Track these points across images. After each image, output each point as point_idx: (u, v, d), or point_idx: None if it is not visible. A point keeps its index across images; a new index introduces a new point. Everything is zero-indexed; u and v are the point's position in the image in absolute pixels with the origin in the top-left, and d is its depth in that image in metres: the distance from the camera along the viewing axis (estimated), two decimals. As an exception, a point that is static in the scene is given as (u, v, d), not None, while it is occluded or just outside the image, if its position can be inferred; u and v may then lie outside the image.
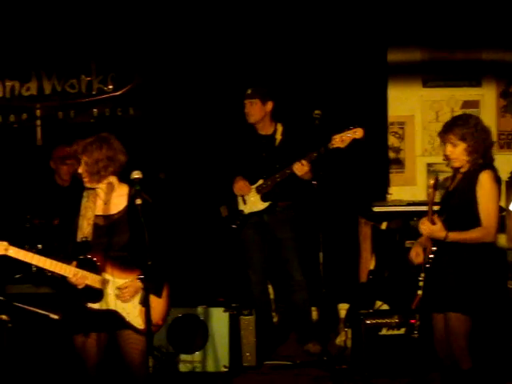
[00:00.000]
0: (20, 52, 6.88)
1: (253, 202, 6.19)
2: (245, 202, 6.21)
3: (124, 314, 4.49)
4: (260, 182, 6.15)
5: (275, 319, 6.62)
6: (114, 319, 4.46)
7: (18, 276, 5.96)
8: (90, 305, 4.43)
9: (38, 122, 6.85)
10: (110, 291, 4.44)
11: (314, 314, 6.54)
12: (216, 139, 6.63)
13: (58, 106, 6.99)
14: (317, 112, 5.81)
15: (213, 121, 6.87)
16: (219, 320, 5.83)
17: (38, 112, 6.85)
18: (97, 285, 4.42)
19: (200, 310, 5.84)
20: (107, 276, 4.46)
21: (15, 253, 4.36)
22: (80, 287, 4.39)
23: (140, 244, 4.41)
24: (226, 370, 5.75)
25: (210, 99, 6.94)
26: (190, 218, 6.78)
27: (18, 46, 6.84)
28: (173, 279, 4.75)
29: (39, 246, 5.83)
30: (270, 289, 6.58)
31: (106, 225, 4.56)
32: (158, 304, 4.55)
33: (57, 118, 6.98)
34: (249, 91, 6.14)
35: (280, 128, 6.24)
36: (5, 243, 4.35)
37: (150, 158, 6.58)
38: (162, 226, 4.63)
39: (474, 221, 4.68)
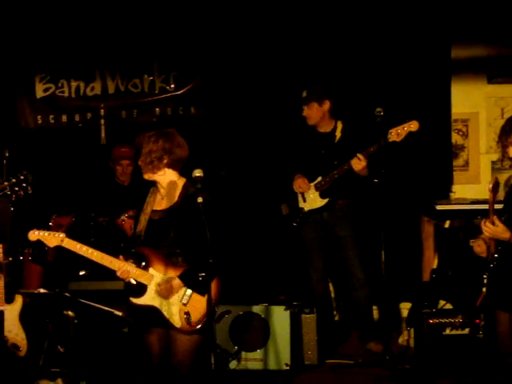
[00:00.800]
0: (85, 52, 6.98)
1: (312, 200, 6.18)
2: (304, 200, 6.20)
3: (163, 311, 4.50)
4: (319, 179, 6.13)
5: (336, 318, 6.59)
6: (155, 316, 4.48)
7: (82, 273, 6.09)
8: (133, 299, 4.51)
9: (102, 122, 6.94)
10: (153, 287, 4.48)
11: (376, 313, 6.49)
12: (276, 137, 6.65)
13: (121, 106, 7.09)
14: (378, 109, 5.76)
15: (273, 119, 6.87)
16: (280, 318, 5.82)
17: (102, 111, 6.94)
18: (142, 280, 4.46)
19: (261, 308, 5.85)
20: (153, 271, 4.48)
21: (68, 244, 4.47)
22: (126, 281, 4.48)
23: (191, 240, 4.46)
24: (287, 368, 5.74)
25: (270, 97, 6.94)
26: (250, 216, 6.80)
27: (82, 46, 6.95)
28: (233, 277, 4.77)
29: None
30: (331, 287, 6.55)
31: (159, 219, 4.59)
32: (200, 303, 4.52)
33: (120, 117, 7.08)
34: (304, 94, 6.14)
35: (340, 125, 6.22)
36: (62, 235, 4.48)
37: (212, 157, 6.63)
38: (222, 224, 4.61)
39: None
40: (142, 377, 5.40)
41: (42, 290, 5.78)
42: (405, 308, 6.53)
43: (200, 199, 4.40)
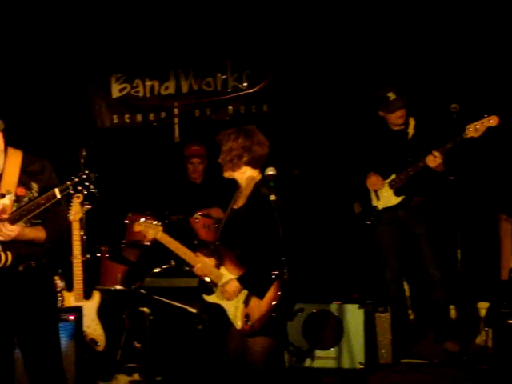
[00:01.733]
0: (159, 52, 7.10)
1: (386, 197, 6.15)
2: (378, 198, 6.16)
3: (228, 311, 4.54)
4: (393, 176, 6.08)
5: (411, 317, 6.53)
6: (223, 314, 4.52)
7: (157, 270, 6.15)
8: (205, 296, 4.58)
9: (176, 120, 7.06)
10: (219, 287, 4.54)
11: (453, 313, 6.38)
12: (348, 135, 6.60)
13: (194, 104, 7.18)
14: (454, 106, 5.69)
15: (345, 117, 6.85)
16: (354, 316, 5.80)
17: (176, 110, 7.05)
18: (212, 277, 4.55)
19: (334, 306, 5.82)
20: (224, 270, 4.54)
21: (161, 237, 4.62)
22: (201, 278, 4.60)
23: (255, 241, 4.46)
24: (361, 366, 5.71)
25: (342, 95, 6.95)
26: (323, 214, 6.80)
27: (157, 46, 7.06)
28: (307, 275, 4.77)
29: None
30: (406, 286, 6.49)
31: (231, 218, 4.64)
32: (257, 305, 4.52)
33: (193, 115, 7.18)
34: (392, 95, 6.01)
35: (412, 122, 6.16)
36: (160, 227, 4.65)
37: (284, 155, 6.63)
38: (292, 222, 4.58)
39: None
40: (216, 373, 5.45)
41: (118, 287, 5.87)
42: (483, 308, 6.35)
43: (273, 197, 4.37)
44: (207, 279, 4.58)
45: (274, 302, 4.46)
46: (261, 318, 4.48)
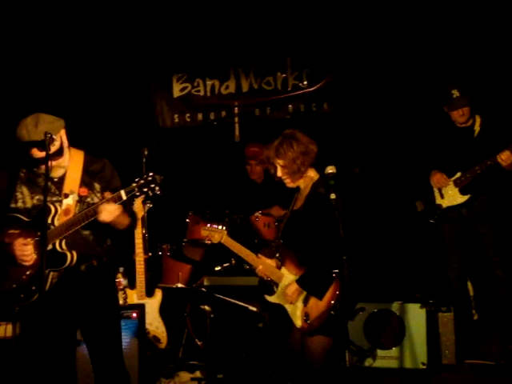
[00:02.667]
0: (219, 51, 7.16)
1: (451, 196, 6.06)
2: (442, 196, 6.09)
3: (288, 310, 4.58)
4: (458, 174, 6.00)
5: (475, 317, 6.42)
6: (283, 314, 4.55)
7: (217, 268, 6.21)
8: (266, 297, 4.62)
9: (236, 119, 7.11)
10: (282, 287, 4.57)
11: None
12: (411, 132, 6.54)
13: (254, 103, 7.22)
14: None
15: (408, 114, 6.80)
16: (416, 316, 5.76)
17: (236, 109, 7.11)
18: (273, 277, 4.61)
19: (396, 305, 5.80)
20: (285, 271, 4.59)
21: (226, 241, 4.72)
22: (264, 279, 4.64)
23: (316, 240, 4.47)
24: (424, 367, 5.66)
25: (404, 92, 6.90)
26: (385, 212, 6.75)
27: (217, 45, 7.12)
28: (368, 274, 4.75)
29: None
30: (469, 285, 6.39)
31: (292, 218, 4.67)
32: (316, 305, 4.52)
33: (254, 114, 7.22)
34: (456, 93, 5.94)
35: (478, 119, 6.07)
36: (225, 231, 4.75)
37: (345, 153, 6.62)
38: (351, 221, 4.57)
39: None
40: (276, 372, 5.47)
41: (179, 285, 5.94)
42: None
43: (333, 196, 4.38)
44: (268, 279, 4.61)
45: (332, 302, 4.47)
46: (320, 317, 4.49)
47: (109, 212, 4.22)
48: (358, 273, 4.59)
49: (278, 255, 4.68)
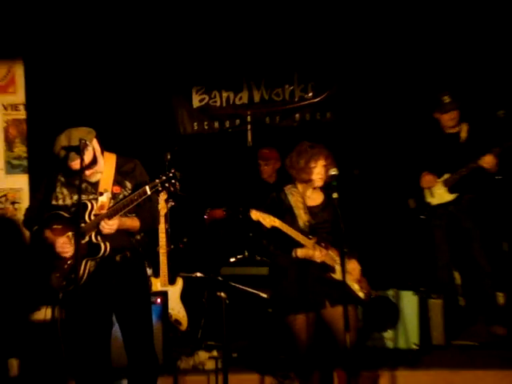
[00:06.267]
0: (234, 66, 7.12)
1: (440, 194, 6.11)
2: (432, 195, 6.13)
3: (351, 286, 4.61)
4: (446, 175, 6.05)
5: (462, 303, 6.41)
6: (344, 290, 4.43)
7: (232, 260, 6.24)
8: (332, 275, 4.56)
9: (249, 127, 7.04)
10: (338, 266, 4.51)
11: (500, 299, 6.29)
12: (405, 138, 6.54)
13: (265, 113, 7.19)
14: (501, 112, 5.70)
15: (402, 121, 6.79)
16: (409, 302, 5.75)
17: (249, 118, 7.04)
18: (326, 260, 4.56)
19: (391, 292, 5.80)
20: (332, 254, 4.59)
21: (280, 225, 4.49)
22: (318, 261, 4.55)
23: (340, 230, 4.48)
24: (416, 347, 5.67)
25: (399, 102, 6.89)
26: (381, 209, 6.74)
27: (232, 60, 7.09)
28: (365, 264, 4.79)
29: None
30: (457, 275, 6.39)
31: (316, 212, 4.69)
32: (366, 282, 4.69)
33: (264, 122, 7.18)
34: (448, 99, 6.02)
35: (465, 127, 6.10)
36: (274, 218, 4.51)
37: (346, 156, 6.59)
38: (356, 217, 4.68)
39: None
40: (283, 351, 5.43)
41: (198, 274, 6.00)
42: None
43: (335, 195, 4.47)
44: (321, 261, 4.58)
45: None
46: (370, 290, 4.69)
47: (110, 226, 4.26)
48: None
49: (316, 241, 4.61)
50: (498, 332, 5.98)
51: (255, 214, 4.52)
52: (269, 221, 4.51)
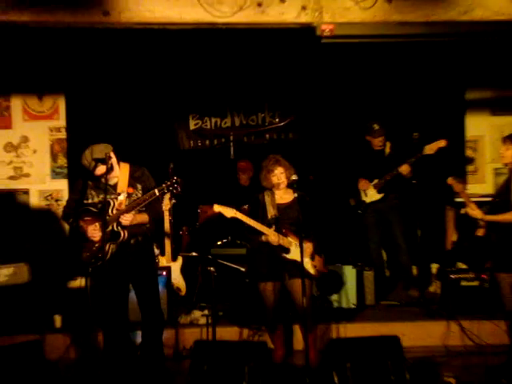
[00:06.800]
0: (220, 99, 7.06)
1: (371, 195, 6.16)
2: (366, 195, 6.19)
3: (304, 263, 4.49)
4: (375, 181, 6.13)
5: (387, 273, 6.50)
6: (297, 266, 4.46)
7: (219, 243, 6.18)
8: (284, 255, 4.59)
9: (231, 144, 6.87)
10: (294, 248, 4.55)
11: (415, 270, 6.37)
12: (346, 152, 6.52)
13: (243, 133, 7.10)
14: (415, 134, 5.74)
15: (344, 141, 6.75)
16: (349, 273, 5.81)
17: (231, 137, 6.86)
18: (284, 243, 4.57)
19: (337, 267, 5.84)
20: (291, 239, 4.59)
21: (240, 216, 4.51)
22: (275, 244, 4.56)
23: (305, 221, 4.51)
24: (354, 306, 5.76)
25: (341, 127, 6.88)
26: (331, 205, 6.67)
27: (219, 95, 7.02)
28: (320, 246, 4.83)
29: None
30: (384, 253, 6.46)
31: (285, 208, 4.71)
32: (320, 260, 4.70)
33: (243, 141, 7.08)
34: (377, 127, 6.01)
35: (388, 144, 6.18)
36: (234, 209, 4.53)
37: (303, 166, 6.44)
38: (315, 212, 4.74)
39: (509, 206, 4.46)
40: (257, 311, 5.35)
41: (194, 253, 5.94)
42: (434, 267, 6.42)
43: (295, 194, 4.60)
44: (278, 244, 4.54)
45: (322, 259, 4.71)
46: (322, 268, 4.71)
47: (127, 219, 4.26)
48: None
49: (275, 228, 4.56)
50: (412, 294, 6.05)
51: (217, 208, 4.51)
52: (229, 212, 4.49)
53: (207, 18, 4.74)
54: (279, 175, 4.71)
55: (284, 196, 4.76)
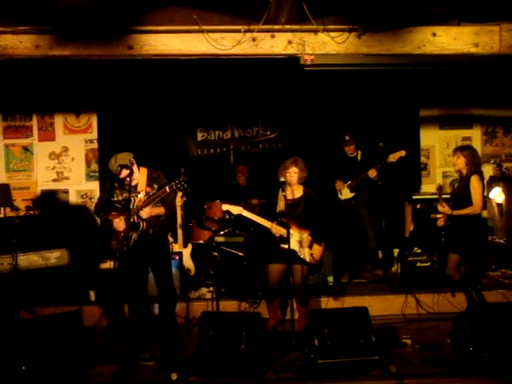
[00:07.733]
0: (223, 115, 7.02)
1: (345, 193, 6.18)
2: (341, 193, 6.20)
3: (300, 253, 4.57)
4: (349, 182, 6.14)
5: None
6: (294, 255, 4.48)
7: (221, 232, 6.08)
8: (282, 245, 4.51)
9: (231, 152, 6.90)
10: (293, 239, 4.47)
11: (380, 254, 6.37)
12: (326, 158, 6.48)
13: (241, 144, 7.07)
14: (381, 144, 5.77)
15: (324, 148, 6.69)
16: (326, 258, 5.45)
17: (231, 147, 6.90)
18: (285, 235, 4.46)
19: None
20: (292, 231, 4.48)
21: (246, 213, 4.46)
22: (276, 235, 4.51)
23: (309, 215, 4.55)
24: (331, 284, 5.72)
25: (322, 137, 6.83)
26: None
27: (222, 112, 6.97)
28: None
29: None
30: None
31: (292, 203, 4.61)
32: (318, 249, 4.61)
33: (241, 150, 7.05)
34: (347, 138, 6.00)
35: (359, 153, 6.21)
36: (241, 208, 4.49)
37: None
38: (321, 206, 4.66)
39: (469, 202, 4.58)
40: (254, 289, 5.42)
41: (201, 241, 5.92)
42: (396, 251, 6.48)
43: (284, 193, 4.54)
44: (278, 234, 4.45)
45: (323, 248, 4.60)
46: (319, 256, 4.60)
47: (145, 212, 4.26)
48: (322, 234, 4.66)
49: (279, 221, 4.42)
50: (378, 274, 6.05)
51: (225, 206, 4.54)
52: (236, 210, 4.48)
53: (212, 50, 4.85)
54: (292, 173, 4.62)
55: (295, 192, 4.65)
